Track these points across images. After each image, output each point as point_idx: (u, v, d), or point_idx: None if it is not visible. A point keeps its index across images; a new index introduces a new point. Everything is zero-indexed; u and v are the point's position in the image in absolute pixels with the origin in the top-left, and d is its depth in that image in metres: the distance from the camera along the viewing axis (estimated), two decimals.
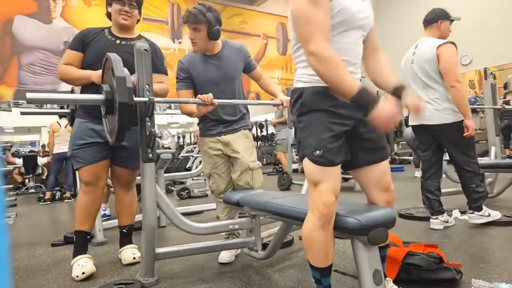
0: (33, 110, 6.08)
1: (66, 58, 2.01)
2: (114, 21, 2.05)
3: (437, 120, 2.35)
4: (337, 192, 1.17)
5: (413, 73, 2.46)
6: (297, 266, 1.91)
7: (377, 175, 1.28)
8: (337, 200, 1.16)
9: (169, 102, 1.82)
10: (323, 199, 1.13)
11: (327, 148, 1.15)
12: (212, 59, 2.04)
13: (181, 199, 4.78)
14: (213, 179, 2.12)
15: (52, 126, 5.69)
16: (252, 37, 13.36)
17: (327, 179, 1.15)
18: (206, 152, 2.11)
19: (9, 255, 0.38)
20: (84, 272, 1.87)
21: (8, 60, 9.18)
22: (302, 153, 1.22)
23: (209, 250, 1.95)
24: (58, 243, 2.66)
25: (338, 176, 1.19)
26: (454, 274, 1.52)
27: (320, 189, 1.15)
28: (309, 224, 1.18)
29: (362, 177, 1.30)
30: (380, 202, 1.28)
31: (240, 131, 2.12)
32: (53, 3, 10.03)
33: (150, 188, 1.71)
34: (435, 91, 2.37)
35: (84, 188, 2.01)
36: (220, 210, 2.18)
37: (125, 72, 1.53)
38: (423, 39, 2.49)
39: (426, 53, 2.37)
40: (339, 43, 1.17)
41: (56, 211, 4.84)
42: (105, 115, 1.68)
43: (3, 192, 0.40)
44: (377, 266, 1.14)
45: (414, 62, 2.45)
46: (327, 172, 1.16)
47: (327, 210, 1.12)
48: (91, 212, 2.03)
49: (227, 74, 2.05)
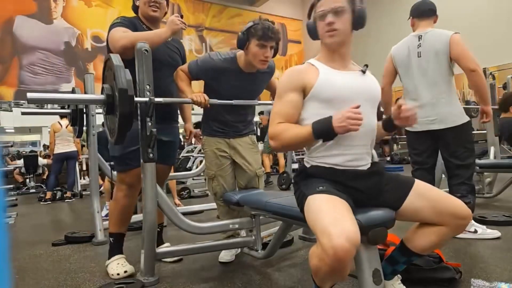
0: (34, 110, 6.08)
1: (124, 30, 1.85)
2: (144, 13, 1.98)
3: (449, 122, 2.12)
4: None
5: (420, 68, 2.20)
6: (297, 265, 1.91)
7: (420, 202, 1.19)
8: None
9: (168, 102, 1.82)
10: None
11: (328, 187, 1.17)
12: (248, 77, 1.97)
13: (182, 199, 4.79)
14: (217, 181, 2.05)
15: (53, 126, 5.70)
16: None
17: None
18: (212, 152, 2.04)
19: (9, 255, 0.38)
20: (127, 271, 1.87)
21: (9, 61, 9.20)
22: (302, 197, 1.18)
23: (209, 250, 1.96)
24: (59, 243, 2.66)
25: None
26: (454, 274, 1.52)
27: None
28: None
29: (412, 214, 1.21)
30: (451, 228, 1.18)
31: (248, 136, 2.12)
32: (53, 3, 10.05)
33: (150, 188, 1.72)
34: (443, 88, 2.15)
35: (126, 191, 1.96)
36: (222, 213, 2.11)
37: (127, 79, 1.52)
38: (425, 30, 2.21)
39: (438, 43, 2.13)
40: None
41: (57, 211, 4.85)
42: (106, 114, 1.69)
43: (3, 192, 0.40)
44: (377, 266, 1.14)
45: (422, 55, 2.19)
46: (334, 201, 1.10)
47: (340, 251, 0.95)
48: (130, 214, 2.07)
49: (252, 95, 2.05)
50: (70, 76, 9.66)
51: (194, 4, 12.36)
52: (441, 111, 2.15)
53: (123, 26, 1.87)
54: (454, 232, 1.19)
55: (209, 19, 12.54)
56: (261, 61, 1.85)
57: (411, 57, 2.24)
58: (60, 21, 9.98)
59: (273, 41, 1.85)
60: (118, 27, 1.87)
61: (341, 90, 1.25)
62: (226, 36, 12.31)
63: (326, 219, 1.01)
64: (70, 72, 9.64)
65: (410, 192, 1.21)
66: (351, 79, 1.28)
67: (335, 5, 1.22)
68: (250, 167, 2.06)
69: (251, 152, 2.11)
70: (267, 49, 1.83)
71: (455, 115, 2.14)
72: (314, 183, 1.19)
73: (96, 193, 2.87)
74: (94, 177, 2.88)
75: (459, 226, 1.17)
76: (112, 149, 1.95)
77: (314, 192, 1.14)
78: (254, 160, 2.10)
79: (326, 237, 0.95)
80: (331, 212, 1.03)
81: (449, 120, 2.13)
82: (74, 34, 10.07)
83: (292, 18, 14.24)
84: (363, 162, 1.26)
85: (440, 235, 1.18)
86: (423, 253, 1.25)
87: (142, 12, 1.99)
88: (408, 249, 1.24)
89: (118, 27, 1.87)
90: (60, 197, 5.72)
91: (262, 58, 1.83)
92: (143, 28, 1.96)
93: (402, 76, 2.33)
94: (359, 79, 1.30)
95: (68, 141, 5.71)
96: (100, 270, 2.00)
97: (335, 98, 1.24)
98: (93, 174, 2.87)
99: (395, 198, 1.21)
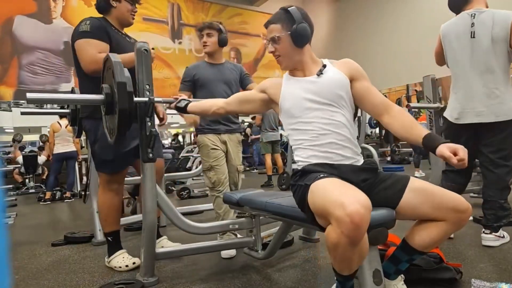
0: (33, 110, 6.08)
1: (98, 47, 1.85)
2: (123, 18, 2.04)
3: (501, 116, 1.90)
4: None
5: (475, 52, 1.95)
6: (297, 266, 1.91)
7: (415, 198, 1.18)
8: None
9: (168, 102, 1.82)
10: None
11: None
12: (215, 67, 2.40)
13: (181, 199, 4.79)
14: (214, 171, 2.29)
15: (52, 126, 5.69)
16: (252, 37, 13.36)
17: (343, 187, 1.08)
18: (206, 146, 2.31)
19: (9, 255, 0.38)
20: (135, 262, 1.94)
21: (8, 60, 9.19)
22: (305, 186, 1.17)
23: (209, 250, 1.95)
24: (59, 243, 2.66)
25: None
26: (454, 274, 1.52)
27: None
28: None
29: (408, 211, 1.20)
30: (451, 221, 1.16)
31: (236, 133, 2.45)
32: (53, 3, 10.03)
33: (150, 188, 1.71)
34: (500, 77, 1.91)
35: (117, 190, 2.05)
36: (218, 205, 2.25)
37: (125, 76, 1.52)
38: (476, 9, 1.98)
39: (496, 25, 1.88)
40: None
41: (56, 211, 4.84)
42: (105, 114, 1.68)
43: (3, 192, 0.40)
44: (377, 266, 1.14)
45: (476, 36, 1.94)
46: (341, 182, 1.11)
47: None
48: (120, 210, 2.17)
49: (225, 78, 2.38)
50: (70, 76, 9.64)
51: (194, 4, 12.35)
52: (493, 103, 1.91)
53: (96, 38, 1.85)
54: (456, 227, 1.18)
55: (209, 18, 12.52)
56: (132, 15, 2.09)
57: (462, 38, 1.99)
58: (59, 20, 9.97)
59: (210, 30, 2.31)
60: (90, 39, 1.84)
61: (296, 98, 1.36)
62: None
63: (335, 193, 1.03)
64: (70, 72, 9.62)
65: (406, 189, 1.20)
66: (307, 85, 1.36)
67: (270, 35, 1.38)
68: (233, 162, 2.40)
69: (236, 149, 2.44)
70: (135, 6, 2.09)
71: (509, 109, 1.90)
72: (313, 174, 1.20)
73: (96, 194, 2.87)
74: (93, 177, 2.87)
75: (460, 220, 1.15)
76: (103, 152, 1.95)
77: (316, 180, 1.14)
78: (238, 156, 2.44)
79: (339, 208, 0.96)
80: (338, 188, 1.06)
81: (501, 113, 1.89)
82: None
83: None
84: (351, 160, 1.30)
85: (442, 231, 1.17)
86: (425, 250, 1.23)
87: (121, 16, 2.03)
88: (410, 246, 1.23)
89: (90, 40, 1.84)
90: (60, 197, 5.72)
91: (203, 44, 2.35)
92: (115, 32, 2.00)
93: (450, 60, 2.10)
94: (318, 82, 1.35)
95: (68, 141, 5.71)
96: (99, 270, 2.00)
97: (292, 107, 1.36)
98: (93, 175, 2.86)
99: (391, 195, 1.21)
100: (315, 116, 1.31)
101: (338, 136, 1.30)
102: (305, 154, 1.33)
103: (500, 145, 1.95)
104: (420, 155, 5.66)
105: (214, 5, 12.61)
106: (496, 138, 1.95)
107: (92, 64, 1.82)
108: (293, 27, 1.32)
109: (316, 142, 1.30)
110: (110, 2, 2.00)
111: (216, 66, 2.40)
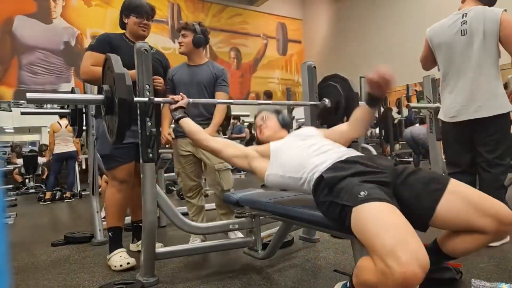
0: (33, 110, 6.07)
1: (93, 59, 2.03)
2: (133, 32, 2.18)
3: (492, 110, 1.91)
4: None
5: (467, 49, 1.97)
6: (297, 266, 1.91)
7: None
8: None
9: (168, 102, 1.82)
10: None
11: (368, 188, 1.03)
12: (191, 68, 2.36)
13: (182, 199, 4.79)
14: (180, 177, 2.36)
15: (52, 126, 5.69)
16: (252, 37, 13.36)
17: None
18: (176, 152, 2.35)
19: (9, 255, 0.38)
20: (129, 263, 1.96)
21: (8, 60, 9.19)
22: (344, 211, 1.04)
23: (209, 250, 1.95)
24: (59, 243, 2.66)
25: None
26: (454, 274, 1.52)
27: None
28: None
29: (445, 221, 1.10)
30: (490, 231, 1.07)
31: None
32: (53, 3, 10.03)
33: (150, 188, 1.71)
34: (492, 72, 1.94)
35: (118, 187, 2.11)
36: (188, 207, 2.40)
37: (124, 69, 1.52)
38: (468, 8, 2.02)
39: (487, 20, 1.91)
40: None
41: (56, 211, 4.85)
42: (105, 115, 1.68)
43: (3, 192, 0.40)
44: None
45: (467, 33, 1.96)
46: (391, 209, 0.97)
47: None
48: (125, 208, 2.21)
49: (197, 80, 2.30)
50: (70, 76, 9.63)
51: (194, 4, 12.35)
52: (488, 97, 1.93)
53: (97, 51, 2.04)
54: (493, 239, 1.10)
55: (209, 18, 12.53)
56: (141, 28, 2.16)
57: (454, 36, 2.01)
58: (59, 20, 9.96)
59: (185, 30, 2.30)
60: (92, 51, 2.06)
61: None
62: (226, 35, 12.30)
63: (389, 237, 0.89)
64: (70, 72, 9.62)
65: (446, 190, 1.08)
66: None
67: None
68: (209, 162, 2.26)
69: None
70: (143, 19, 2.16)
71: (502, 103, 1.92)
72: (347, 189, 1.07)
73: (96, 193, 2.87)
74: (93, 177, 2.87)
75: (501, 232, 1.06)
76: (102, 148, 2.14)
77: (358, 202, 1.00)
78: (213, 156, 2.26)
79: (391, 257, 0.84)
80: (391, 228, 0.91)
81: (496, 107, 1.91)
82: (74, 34, 10.05)
83: (292, 18, 14.22)
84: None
85: (479, 242, 1.09)
86: (454, 256, 1.18)
87: (132, 30, 2.18)
88: (440, 250, 1.19)
89: (92, 52, 2.05)
90: (60, 197, 5.72)
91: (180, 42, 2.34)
92: (129, 44, 2.12)
93: (441, 61, 2.11)
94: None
95: (68, 141, 5.71)
96: (100, 270, 2.00)
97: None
98: (93, 174, 2.87)
99: (426, 195, 1.09)
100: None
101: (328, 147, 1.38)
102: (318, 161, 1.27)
103: (496, 145, 1.95)
104: (420, 155, 5.65)
105: (214, 5, 12.60)
106: (492, 137, 1.95)
107: (83, 74, 2.08)
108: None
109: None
110: (123, 20, 2.21)
111: (192, 67, 2.36)
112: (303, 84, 2.30)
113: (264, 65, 13.40)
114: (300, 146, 1.40)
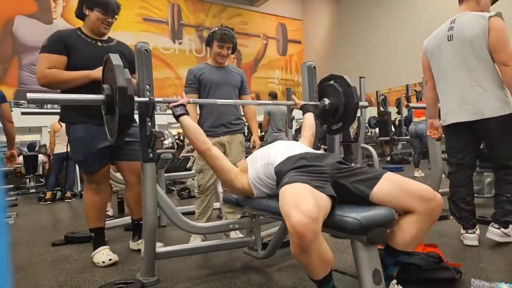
0: (33, 110, 6.08)
1: (48, 62, 1.96)
2: (94, 27, 2.09)
3: (491, 112, 1.91)
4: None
5: (453, 53, 2.02)
6: (297, 265, 1.91)
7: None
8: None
9: (168, 102, 1.82)
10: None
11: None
12: (221, 69, 2.45)
13: (182, 199, 4.79)
14: (203, 174, 2.36)
15: (53, 126, 5.69)
16: (252, 37, 13.38)
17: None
18: None
19: (9, 254, 0.38)
20: (111, 259, 2.03)
21: (8, 61, 9.20)
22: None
23: (209, 250, 1.96)
24: (59, 242, 2.66)
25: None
26: (454, 274, 1.52)
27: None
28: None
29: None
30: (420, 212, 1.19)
31: (237, 134, 2.46)
32: (53, 3, 10.05)
33: (150, 188, 1.71)
34: (482, 73, 1.94)
35: (95, 189, 2.14)
36: (197, 204, 2.40)
37: (126, 79, 1.50)
38: (460, 14, 2.06)
39: (473, 26, 1.94)
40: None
41: (57, 211, 4.85)
42: (105, 115, 1.69)
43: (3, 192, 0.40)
44: (377, 266, 1.14)
45: (454, 39, 2.01)
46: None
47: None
48: (104, 209, 2.24)
49: (231, 81, 2.44)
50: None
51: (194, 4, 12.36)
52: (476, 100, 1.94)
53: (52, 52, 1.96)
54: (428, 218, 1.18)
55: (209, 18, 12.54)
56: (103, 25, 2.10)
57: (442, 42, 2.07)
58: (60, 21, 9.98)
59: (231, 44, 2.38)
60: (45, 53, 1.96)
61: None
62: None
63: (288, 205, 1.10)
64: None
65: (381, 178, 1.25)
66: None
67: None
68: (230, 158, 2.25)
69: (237, 150, 2.43)
70: (108, 17, 2.10)
71: (495, 105, 1.91)
72: (284, 178, 1.30)
73: None
74: None
75: (429, 210, 1.16)
76: (76, 154, 2.12)
77: (282, 185, 1.23)
78: (236, 156, 2.38)
79: (287, 219, 1.05)
80: (291, 198, 1.13)
81: (489, 109, 1.91)
82: None
83: (292, 18, 14.23)
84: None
85: (417, 224, 1.18)
86: (407, 249, 1.23)
87: (93, 26, 2.09)
88: (393, 248, 1.23)
89: (46, 54, 1.96)
90: (60, 197, 5.72)
91: (220, 54, 2.39)
92: (85, 40, 2.05)
93: (434, 66, 2.17)
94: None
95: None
96: (99, 270, 2.00)
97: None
98: None
99: (367, 181, 1.26)
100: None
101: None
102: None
103: (495, 142, 1.99)
104: (420, 155, 5.64)
105: (214, 6, 12.61)
106: (500, 132, 1.96)
107: (40, 79, 1.97)
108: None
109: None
110: (83, 11, 2.09)
111: (221, 69, 2.45)
112: (303, 84, 2.31)
113: (264, 65, 13.41)
114: (268, 146, 1.66)
